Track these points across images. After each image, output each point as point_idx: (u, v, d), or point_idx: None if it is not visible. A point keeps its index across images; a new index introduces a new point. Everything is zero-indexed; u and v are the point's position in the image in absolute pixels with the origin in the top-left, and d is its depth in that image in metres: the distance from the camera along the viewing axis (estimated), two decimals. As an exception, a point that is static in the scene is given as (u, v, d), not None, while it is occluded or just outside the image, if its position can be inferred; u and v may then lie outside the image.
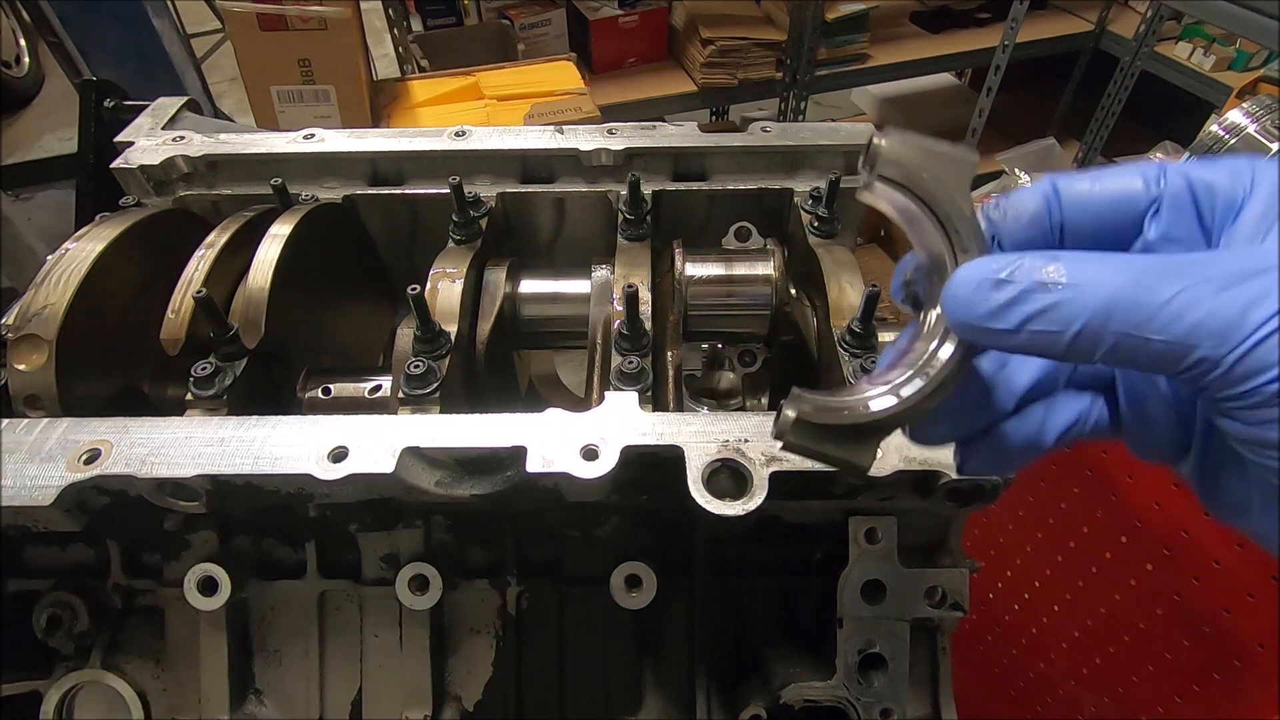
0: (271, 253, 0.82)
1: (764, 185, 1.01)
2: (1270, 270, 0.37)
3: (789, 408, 0.47)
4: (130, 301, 0.82)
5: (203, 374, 0.74)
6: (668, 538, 0.74)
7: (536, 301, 0.96)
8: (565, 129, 1.02)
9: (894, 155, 0.45)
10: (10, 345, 0.73)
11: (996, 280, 0.41)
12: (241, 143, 1.01)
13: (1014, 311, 0.40)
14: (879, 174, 0.45)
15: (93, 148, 1.05)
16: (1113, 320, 0.38)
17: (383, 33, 3.53)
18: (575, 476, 0.61)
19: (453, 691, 0.75)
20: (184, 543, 0.71)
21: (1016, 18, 3.30)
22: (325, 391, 0.88)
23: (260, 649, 0.75)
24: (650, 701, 0.76)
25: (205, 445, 0.63)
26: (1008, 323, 0.41)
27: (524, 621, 0.74)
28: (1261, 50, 3.44)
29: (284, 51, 2.39)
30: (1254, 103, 1.29)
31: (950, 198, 0.46)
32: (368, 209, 1.03)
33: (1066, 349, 0.40)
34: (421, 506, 0.70)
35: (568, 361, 1.34)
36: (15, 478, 0.61)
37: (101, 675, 0.72)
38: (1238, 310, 0.36)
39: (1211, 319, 0.36)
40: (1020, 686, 1.75)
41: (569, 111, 2.54)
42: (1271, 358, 0.36)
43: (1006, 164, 3.05)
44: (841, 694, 0.68)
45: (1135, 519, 1.33)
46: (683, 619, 0.75)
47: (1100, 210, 0.45)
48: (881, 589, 0.68)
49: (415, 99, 2.61)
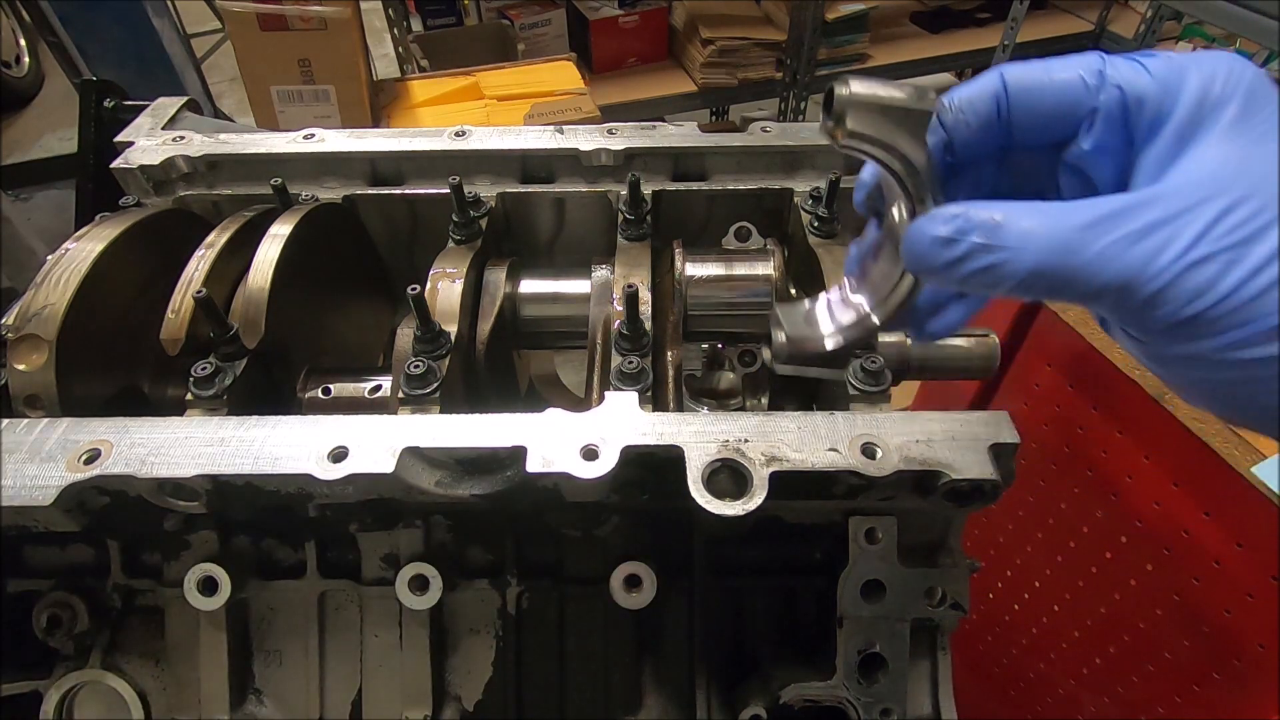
0: (271, 253, 0.82)
1: (764, 185, 1.01)
2: (1166, 220, 0.44)
3: (777, 331, 0.63)
4: (130, 301, 0.82)
5: (203, 374, 0.74)
6: (668, 538, 0.74)
7: (536, 301, 0.96)
8: (565, 129, 1.02)
9: (854, 120, 0.50)
10: (10, 345, 0.73)
11: (946, 239, 0.49)
12: (241, 143, 1.01)
13: (961, 267, 0.48)
14: (843, 134, 0.51)
15: (93, 148, 1.05)
16: (1043, 276, 0.46)
17: (383, 33, 3.53)
18: (575, 476, 0.61)
19: (453, 691, 0.75)
20: (184, 543, 0.71)
21: (1016, 18, 3.30)
22: (325, 391, 0.88)
23: (260, 649, 0.75)
24: (650, 701, 0.76)
25: (205, 445, 0.63)
26: (956, 275, 0.49)
27: (524, 621, 0.74)
28: (1261, 50, 3.44)
29: (284, 51, 2.39)
30: (1254, 103, 1.28)
31: (904, 155, 0.51)
32: (368, 209, 1.03)
33: (1006, 293, 0.49)
34: (421, 506, 0.70)
35: (568, 361, 1.34)
36: (15, 478, 0.61)
37: (101, 675, 0.72)
38: (1140, 263, 0.44)
39: (1125, 272, 0.45)
40: (1020, 686, 1.75)
41: (569, 111, 2.54)
42: (1175, 297, 0.44)
43: (1006, 164, 3.04)
44: (841, 694, 0.68)
45: (1135, 519, 1.33)
46: (683, 619, 0.75)
47: (1044, 113, 0.51)
48: (881, 589, 0.68)
49: (415, 99, 2.61)
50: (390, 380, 0.87)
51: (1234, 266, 0.43)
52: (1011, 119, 0.51)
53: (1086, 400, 1.31)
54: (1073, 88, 0.50)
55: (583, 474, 0.61)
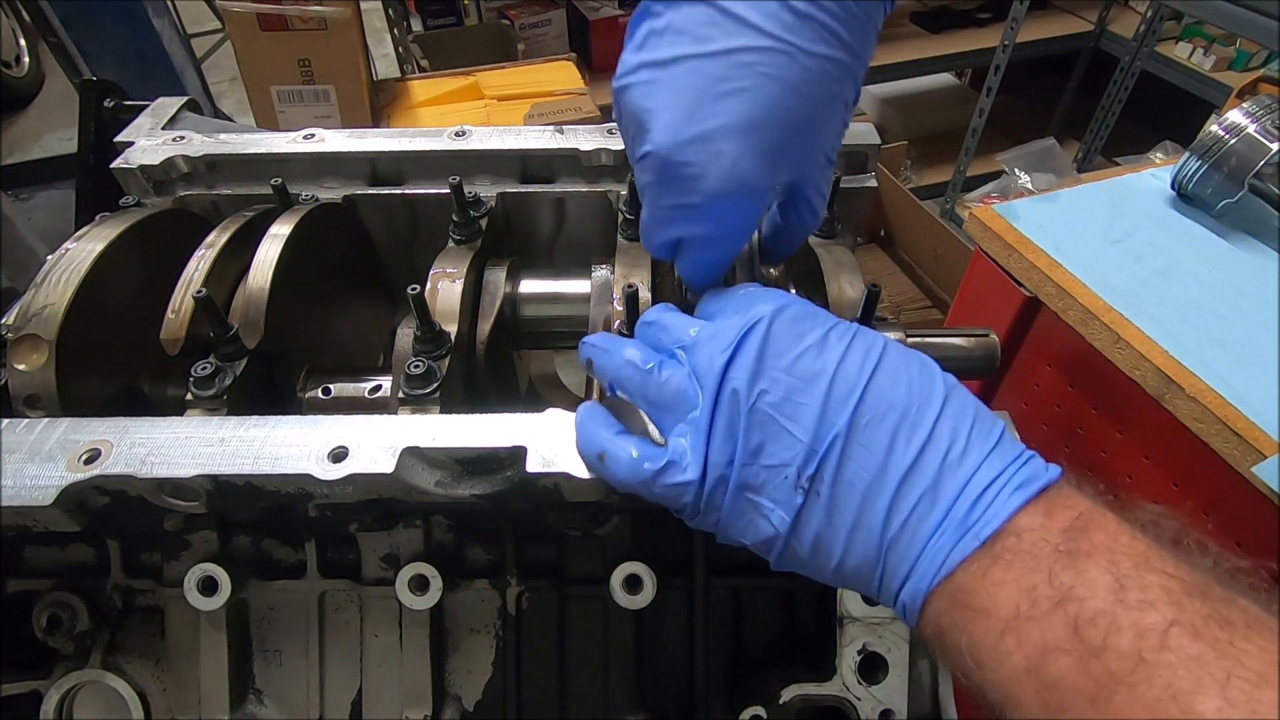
0: (271, 253, 0.82)
1: (764, 185, 1.01)
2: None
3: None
4: (130, 301, 0.82)
5: (203, 374, 0.74)
6: (668, 538, 0.74)
7: (536, 301, 0.96)
8: (565, 129, 1.02)
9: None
10: (10, 345, 0.73)
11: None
12: (241, 143, 1.01)
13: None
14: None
15: (93, 148, 1.05)
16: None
17: (383, 33, 3.53)
18: (575, 476, 0.61)
19: (453, 691, 0.75)
20: (184, 543, 0.71)
21: (1016, 18, 3.30)
22: (325, 391, 0.88)
23: (260, 649, 0.75)
24: (650, 701, 0.76)
25: (205, 445, 0.63)
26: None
27: (524, 621, 0.74)
28: (1261, 50, 3.44)
29: (284, 51, 2.39)
30: (1254, 103, 1.28)
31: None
32: (368, 209, 1.03)
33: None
34: (421, 506, 0.70)
35: (568, 361, 1.34)
36: (15, 478, 0.61)
37: (101, 675, 0.72)
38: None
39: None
40: (1020, 686, 1.74)
41: (569, 111, 2.53)
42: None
43: (1007, 164, 3.05)
44: (842, 694, 0.68)
45: (1135, 519, 1.33)
46: (683, 619, 0.75)
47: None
48: (881, 589, 0.68)
49: (415, 99, 2.61)
50: (390, 380, 0.87)
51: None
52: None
53: (1086, 400, 1.31)
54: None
55: (583, 474, 0.61)
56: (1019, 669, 0.41)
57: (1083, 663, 0.38)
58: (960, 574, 0.44)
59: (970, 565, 0.43)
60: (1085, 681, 0.38)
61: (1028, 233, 1.33)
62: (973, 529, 0.44)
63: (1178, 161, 1.35)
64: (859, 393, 0.47)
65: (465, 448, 0.64)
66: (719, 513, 0.51)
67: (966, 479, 0.45)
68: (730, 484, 0.50)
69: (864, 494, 0.46)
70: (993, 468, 0.45)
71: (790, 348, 0.50)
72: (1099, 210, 1.38)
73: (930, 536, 0.45)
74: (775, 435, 0.48)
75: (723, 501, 0.50)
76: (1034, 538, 0.43)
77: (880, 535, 0.46)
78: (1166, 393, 1.11)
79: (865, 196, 1.02)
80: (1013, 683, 0.41)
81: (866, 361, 0.49)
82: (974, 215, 1.40)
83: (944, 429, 0.47)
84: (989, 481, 0.45)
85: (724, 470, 0.50)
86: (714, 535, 0.55)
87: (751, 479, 0.49)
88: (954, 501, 0.45)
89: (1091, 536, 0.42)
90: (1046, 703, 0.39)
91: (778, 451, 0.48)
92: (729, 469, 0.50)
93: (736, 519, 0.51)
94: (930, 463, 0.46)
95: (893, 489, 0.46)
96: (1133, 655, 0.37)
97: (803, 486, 0.47)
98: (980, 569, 0.43)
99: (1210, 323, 1.17)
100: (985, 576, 0.43)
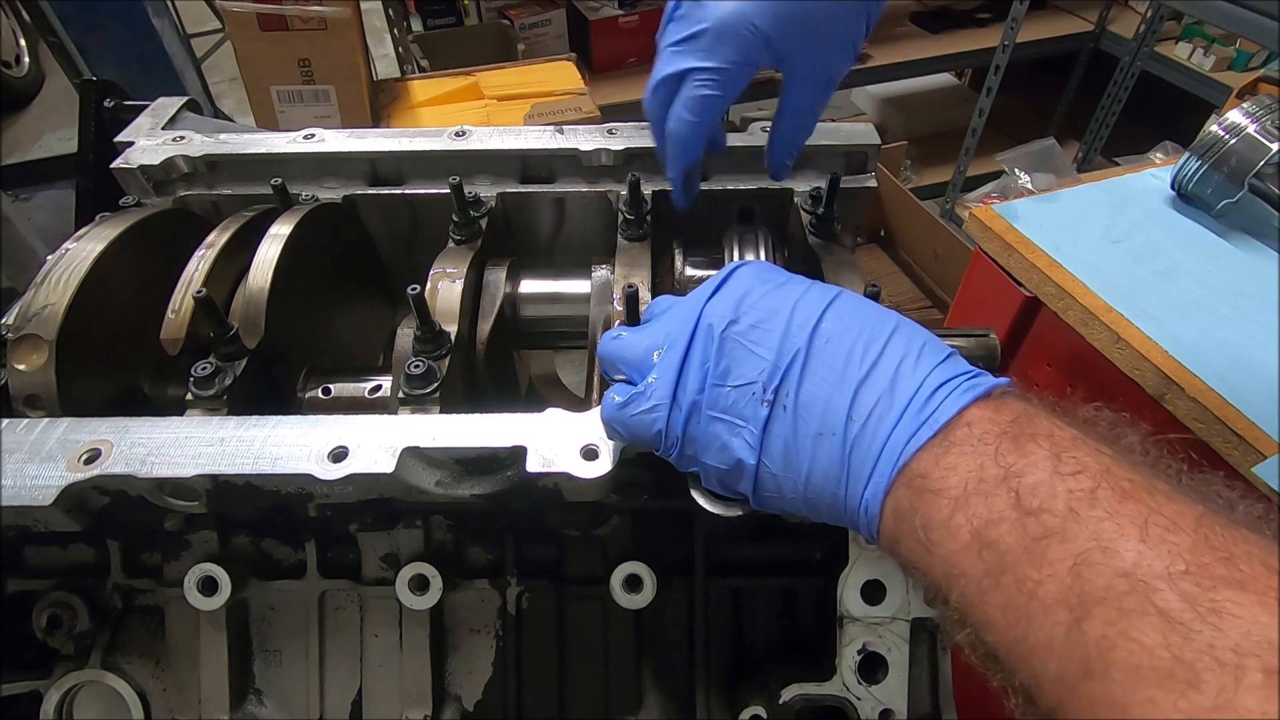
0: (271, 253, 0.82)
1: (764, 185, 1.01)
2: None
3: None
4: (130, 301, 0.82)
5: (203, 374, 0.74)
6: (668, 538, 0.74)
7: (536, 301, 0.96)
8: (565, 129, 1.02)
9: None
10: (10, 345, 0.73)
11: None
12: (241, 143, 1.01)
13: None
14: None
15: (93, 148, 1.04)
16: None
17: (383, 33, 3.53)
18: (575, 476, 0.61)
19: (453, 691, 0.75)
20: (184, 543, 0.71)
21: (1016, 18, 3.30)
22: (325, 391, 0.88)
23: (260, 649, 0.75)
24: (650, 701, 0.76)
25: (205, 445, 0.63)
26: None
27: (524, 621, 0.74)
28: (1261, 50, 3.43)
29: (284, 51, 2.39)
30: (1254, 103, 1.28)
31: None
32: (368, 209, 1.03)
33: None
34: (421, 506, 0.70)
35: (568, 361, 1.34)
36: (15, 478, 0.61)
37: (101, 675, 0.72)
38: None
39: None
40: (1020, 686, 1.74)
41: (569, 111, 2.53)
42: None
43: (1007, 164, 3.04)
44: (841, 694, 0.68)
45: (1135, 519, 1.33)
46: (683, 619, 0.75)
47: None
48: (881, 589, 0.68)
49: (415, 99, 2.61)
50: (390, 380, 0.87)
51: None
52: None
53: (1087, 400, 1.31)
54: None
55: (583, 474, 0.61)
56: (965, 541, 0.44)
57: (1020, 523, 0.42)
58: (916, 462, 0.47)
59: (925, 453, 0.47)
60: (1022, 539, 0.41)
61: (1028, 233, 1.33)
62: (928, 420, 0.47)
63: (1178, 161, 1.35)
64: (817, 318, 0.53)
65: (465, 448, 0.64)
66: (695, 442, 0.55)
67: (920, 381, 0.49)
68: (702, 409, 0.54)
69: (825, 401, 0.50)
70: (944, 373, 0.49)
71: (758, 288, 0.56)
72: (1099, 210, 1.38)
73: (889, 433, 0.48)
74: (742, 359, 0.53)
75: (696, 428, 0.54)
76: (984, 427, 0.46)
77: (843, 437, 0.49)
78: (1166, 393, 1.11)
79: (865, 196, 1.02)
80: (959, 554, 0.44)
81: (824, 297, 0.55)
82: (974, 215, 1.40)
83: (897, 344, 0.51)
84: (941, 382, 0.49)
85: (696, 397, 0.54)
86: (700, 477, 0.58)
87: (721, 399, 0.53)
88: (909, 400, 0.48)
89: (1035, 424, 0.46)
90: (988, 565, 0.42)
91: (745, 373, 0.53)
92: (700, 395, 0.54)
93: (711, 442, 0.54)
94: (885, 370, 0.50)
95: (851, 392, 0.50)
96: (1065, 513, 0.41)
97: (768, 399, 0.52)
98: (934, 456, 0.47)
99: (1210, 323, 1.17)
100: (939, 462, 0.46)
